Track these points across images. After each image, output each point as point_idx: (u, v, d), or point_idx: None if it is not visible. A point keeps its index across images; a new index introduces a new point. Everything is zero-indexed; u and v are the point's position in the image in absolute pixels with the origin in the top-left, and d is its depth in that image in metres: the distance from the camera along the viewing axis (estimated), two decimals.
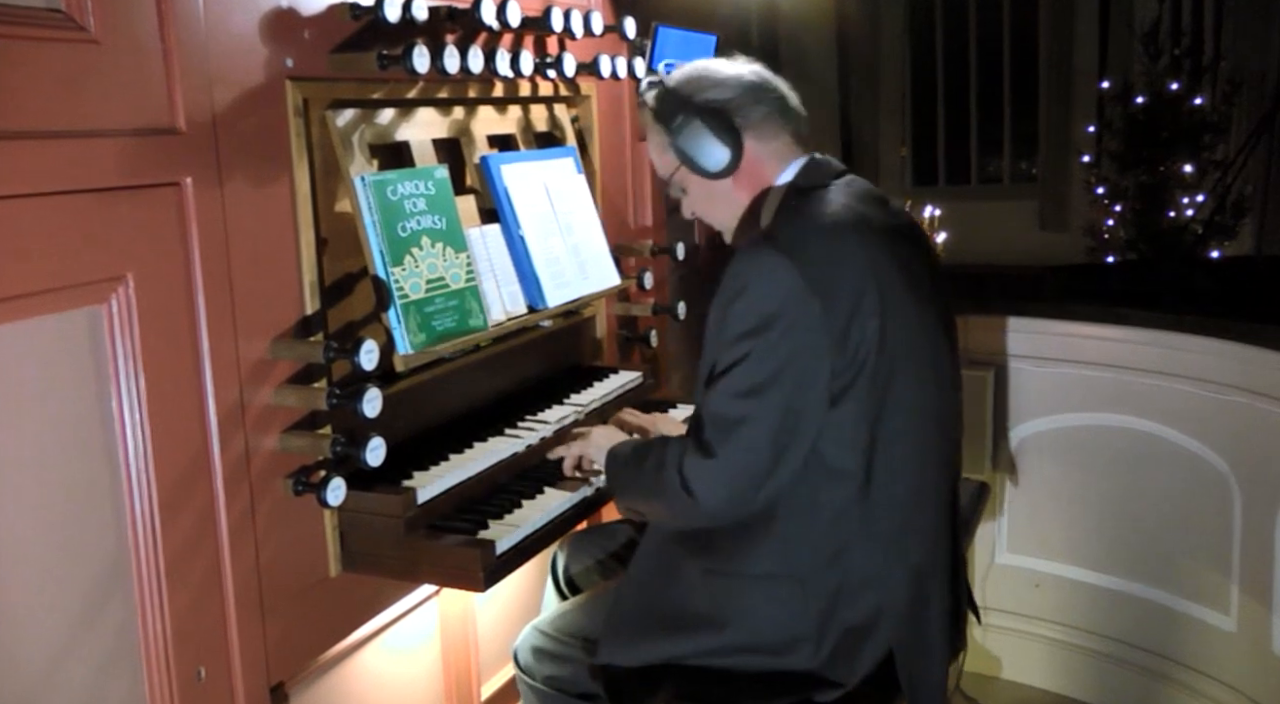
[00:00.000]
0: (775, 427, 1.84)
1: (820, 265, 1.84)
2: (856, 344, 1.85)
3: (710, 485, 1.87)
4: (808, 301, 1.81)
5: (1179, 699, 3.19)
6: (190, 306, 1.64)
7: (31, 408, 1.45)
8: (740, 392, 1.85)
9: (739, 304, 1.86)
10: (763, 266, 1.84)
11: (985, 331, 3.44)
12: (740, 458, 1.85)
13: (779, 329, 1.82)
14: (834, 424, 1.87)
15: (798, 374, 1.83)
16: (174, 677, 1.64)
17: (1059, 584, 3.44)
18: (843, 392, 1.86)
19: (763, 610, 1.95)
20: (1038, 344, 3.36)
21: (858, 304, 1.85)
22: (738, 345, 1.85)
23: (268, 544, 1.78)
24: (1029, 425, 3.42)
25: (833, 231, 1.90)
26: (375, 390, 1.82)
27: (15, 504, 1.44)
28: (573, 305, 2.50)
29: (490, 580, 1.91)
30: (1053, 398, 3.36)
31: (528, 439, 2.26)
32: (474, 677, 2.64)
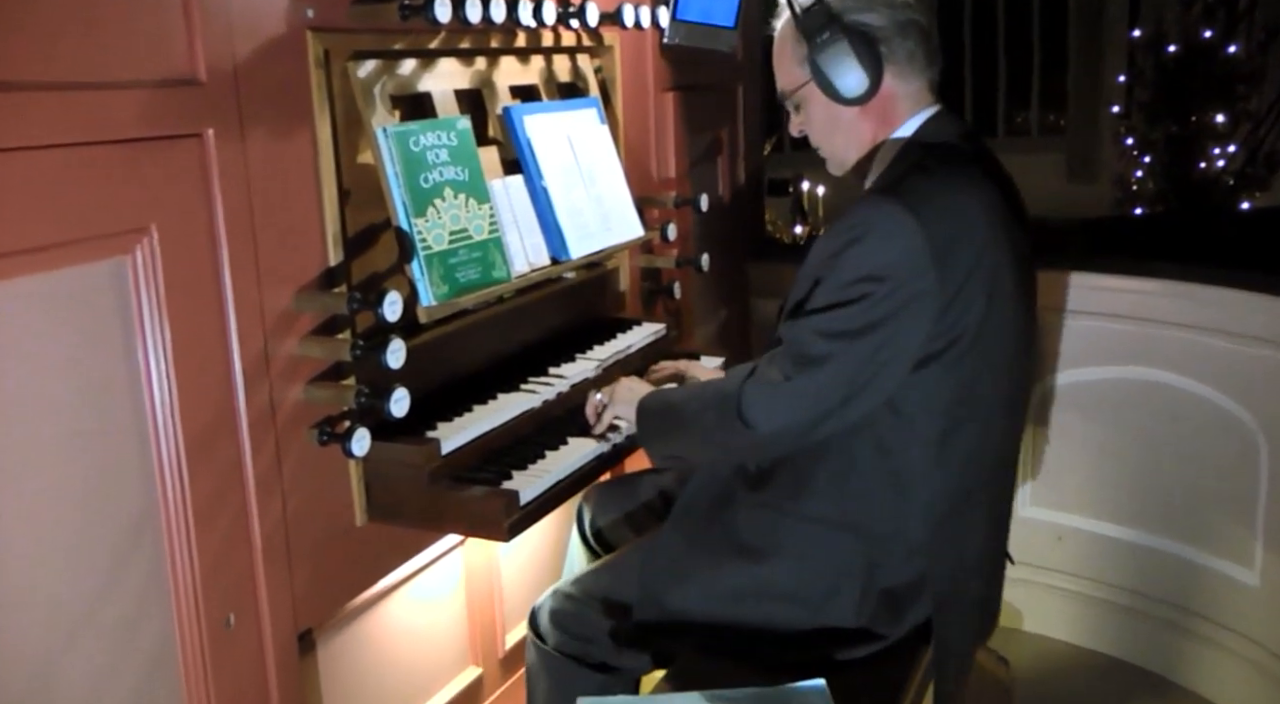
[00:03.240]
0: (853, 374, 1.83)
1: (944, 229, 1.80)
2: (957, 317, 1.83)
3: (769, 413, 1.85)
4: (924, 266, 1.78)
5: (1200, 653, 3.20)
6: (214, 258, 1.64)
7: (59, 359, 1.46)
8: (831, 332, 1.83)
9: (854, 250, 1.82)
10: (887, 219, 1.80)
11: None
12: (810, 393, 1.84)
13: (888, 285, 1.79)
14: (915, 386, 1.86)
15: (892, 333, 1.81)
16: (203, 623, 1.66)
17: (1082, 537, 3.43)
18: (931, 358, 1.85)
19: (811, 551, 1.96)
20: (1064, 297, 3.33)
21: (968, 278, 1.82)
22: (842, 289, 1.82)
23: (294, 494, 1.80)
24: (1055, 379, 3.40)
25: (959, 197, 1.86)
26: (399, 342, 1.83)
27: (44, 454, 1.45)
28: (596, 257, 2.49)
29: (514, 530, 1.92)
30: (1079, 351, 3.34)
31: (551, 391, 2.26)
32: (498, 626, 2.67)
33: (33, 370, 1.43)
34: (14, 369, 1.41)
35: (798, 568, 1.96)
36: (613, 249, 2.54)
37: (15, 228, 1.38)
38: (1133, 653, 3.38)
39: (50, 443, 1.46)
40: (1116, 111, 8.59)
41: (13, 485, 1.42)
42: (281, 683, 1.80)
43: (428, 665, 2.48)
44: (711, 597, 2.01)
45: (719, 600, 2.00)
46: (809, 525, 1.97)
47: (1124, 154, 8.21)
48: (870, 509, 1.94)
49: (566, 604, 2.15)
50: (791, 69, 2.03)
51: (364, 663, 2.26)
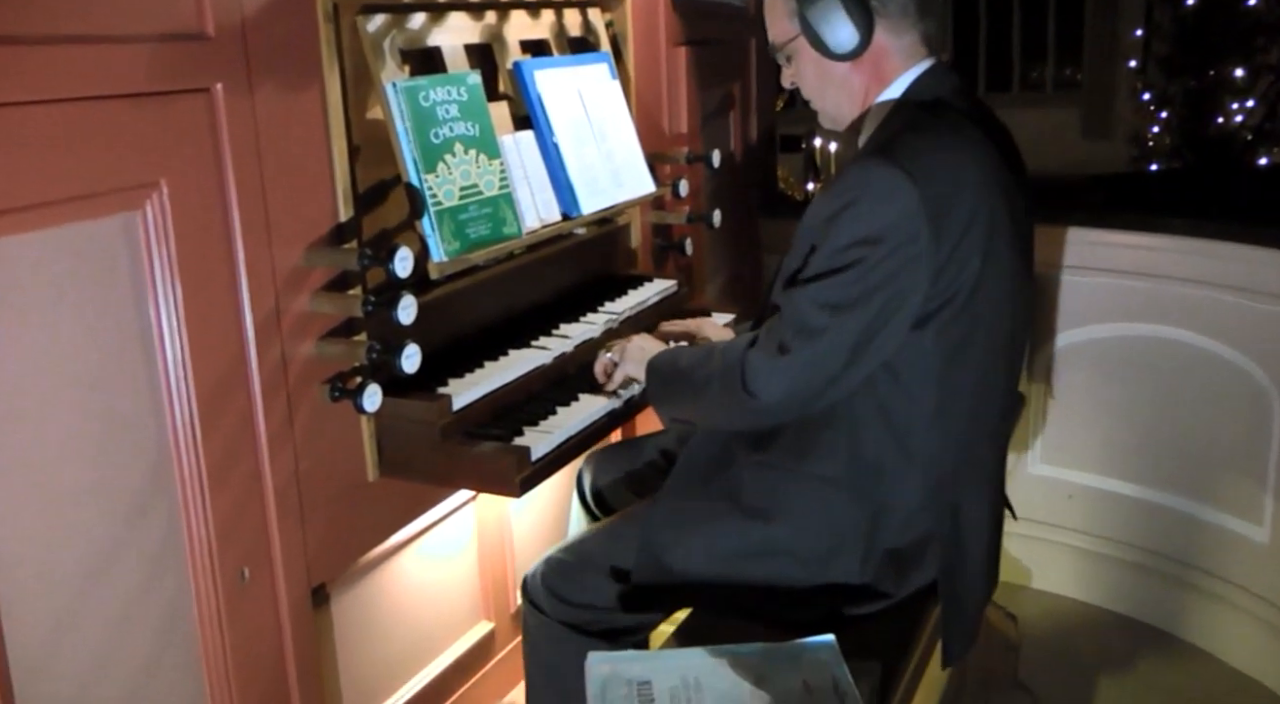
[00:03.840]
0: (852, 341, 1.82)
1: (938, 189, 1.79)
2: (953, 277, 1.82)
3: (772, 383, 1.85)
4: (918, 227, 1.77)
5: (1210, 609, 3.21)
6: (224, 214, 1.64)
7: (71, 315, 1.47)
8: (828, 301, 1.82)
9: (848, 214, 1.81)
10: (881, 182, 1.79)
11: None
12: (812, 363, 1.83)
13: (884, 249, 1.78)
14: (913, 345, 1.86)
15: (890, 296, 1.80)
16: (218, 577, 1.68)
17: (1092, 495, 3.44)
18: (927, 318, 1.84)
19: (812, 511, 1.96)
20: (1077, 253, 3.31)
21: (964, 236, 1.81)
22: (837, 255, 1.81)
23: (306, 449, 1.81)
24: (1066, 336, 3.39)
25: (953, 155, 1.84)
26: (410, 298, 1.83)
27: (58, 409, 1.46)
28: (607, 213, 2.48)
29: (525, 486, 1.93)
30: (1091, 308, 3.33)
31: (561, 347, 2.26)
32: (510, 582, 2.69)
33: (45, 326, 1.44)
34: (27, 324, 1.41)
35: (800, 527, 1.97)
36: (624, 205, 2.53)
37: (24, 182, 1.38)
38: (1141, 610, 3.39)
39: (64, 398, 1.47)
40: (1133, 66, 8.50)
41: (27, 441, 1.43)
42: (296, 636, 1.82)
43: (440, 620, 2.50)
44: (713, 556, 2.01)
45: (721, 559, 2.01)
46: (811, 485, 1.97)
47: (1140, 109, 8.13)
48: (872, 468, 1.94)
49: (563, 571, 2.12)
50: (781, 22, 2.01)
51: (377, 617, 2.28)
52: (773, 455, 2.00)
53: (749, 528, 1.99)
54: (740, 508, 2.01)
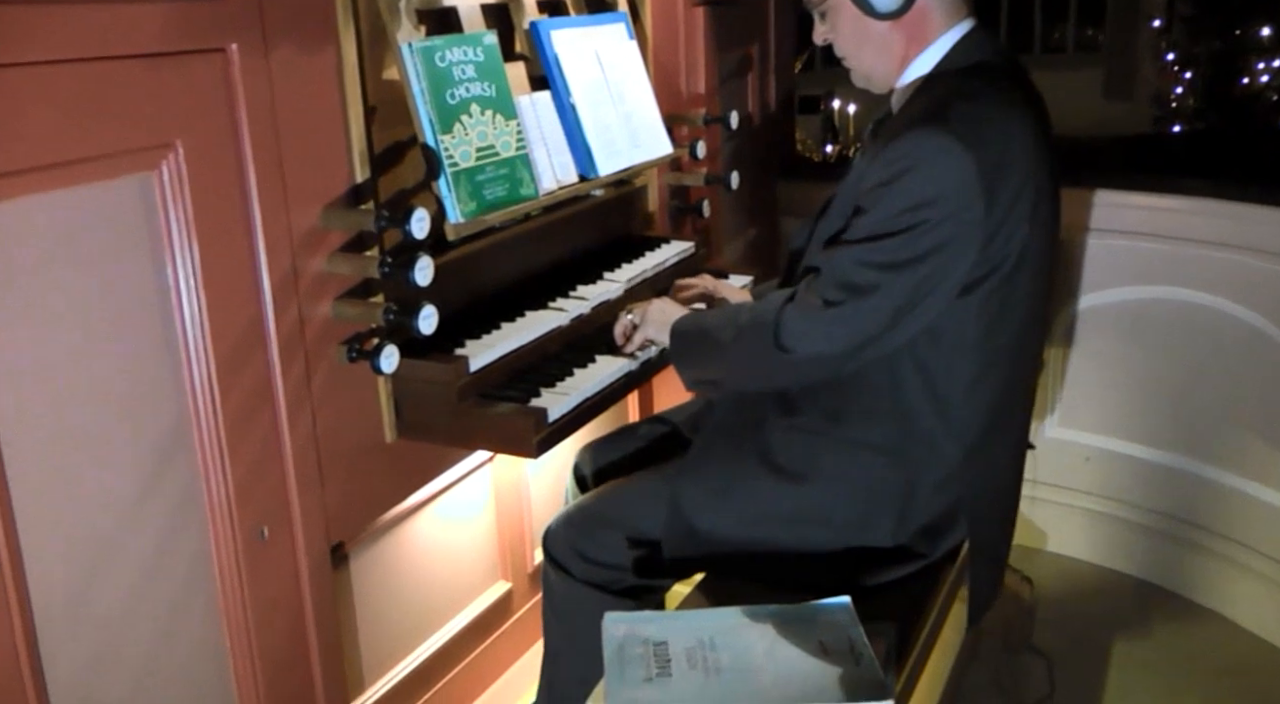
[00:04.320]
0: (897, 303, 1.81)
1: (992, 157, 1.77)
2: (1001, 245, 1.81)
3: (809, 339, 1.84)
4: (973, 197, 1.76)
5: (1224, 573, 3.21)
6: (240, 174, 1.64)
7: (89, 274, 1.47)
8: (877, 263, 1.80)
9: (903, 181, 1.79)
10: (938, 151, 1.77)
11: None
12: (853, 320, 1.82)
13: (937, 217, 1.77)
14: (957, 313, 1.85)
15: (940, 262, 1.79)
16: (238, 535, 1.69)
17: (1109, 458, 3.43)
18: (974, 285, 1.83)
19: (848, 475, 1.96)
20: (1097, 216, 3.29)
21: (1014, 204, 1.80)
22: (889, 220, 1.80)
23: (324, 409, 1.82)
24: (1086, 299, 3.37)
25: (1004, 123, 1.82)
26: (427, 259, 1.83)
27: (77, 369, 1.47)
28: (624, 174, 2.48)
29: (542, 447, 1.93)
30: (1111, 271, 3.31)
31: (578, 309, 2.26)
32: (527, 542, 2.71)
33: (64, 285, 1.44)
34: (45, 284, 1.42)
35: (834, 491, 1.97)
36: (641, 166, 2.52)
37: (41, 142, 1.38)
38: (1156, 573, 3.39)
39: (83, 358, 1.48)
40: (1156, 26, 8.39)
41: (47, 400, 1.44)
42: (315, 594, 1.84)
43: (458, 580, 2.52)
44: (746, 519, 2.01)
45: (753, 523, 2.00)
46: (846, 449, 1.97)
47: (1163, 70, 8.05)
48: (907, 434, 1.94)
49: (585, 528, 2.11)
50: None
51: (395, 577, 2.30)
52: (808, 419, 1.99)
53: (782, 490, 1.99)
54: (774, 470, 2.00)
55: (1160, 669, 3.01)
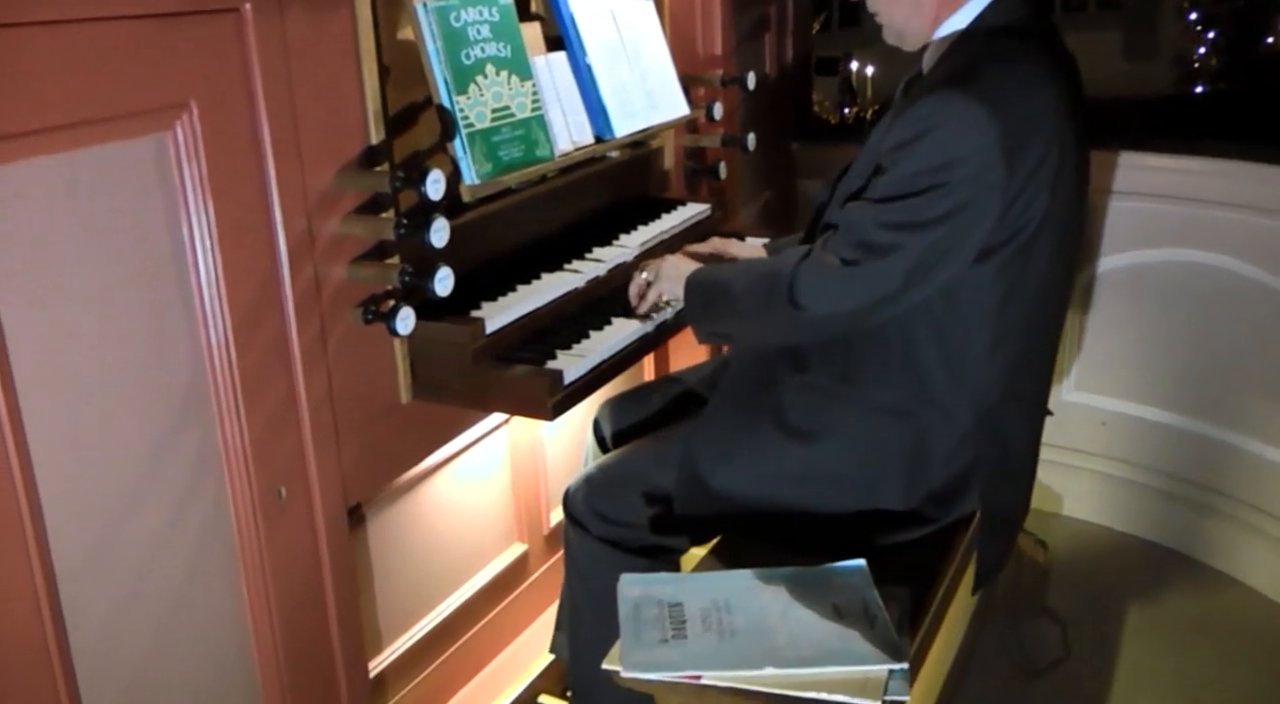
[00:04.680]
0: (914, 264, 1.80)
1: (1016, 122, 1.76)
2: (1021, 211, 1.80)
3: (823, 296, 1.83)
4: (994, 161, 1.75)
5: (1240, 536, 3.20)
6: (255, 135, 1.64)
7: (104, 235, 1.47)
8: (896, 223, 1.79)
9: (924, 142, 1.78)
10: (960, 114, 1.75)
11: None
12: (867, 278, 1.82)
13: (958, 179, 1.76)
14: (974, 276, 1.84)
15: (958, 225, 1.78)
16: (255, 495, 1.70)
17: (1126, 422, 3.42)
18: (992, 251, 1.82)
19: (858, 435, 1.96)
20: (1116, 177, 3.26)
21: (1036, 172, 1.79)
22: (909, 180, 1.79)
23: (339, 371, 1.82)
24: (1105, 262, 3.35)
25: (1031, 88, 1.80)
26: (443, 220, 1.82)
27: (92, 329, 1.48)
28: (640, 136, 2.46)
29: (558, 410, 1.93)
30: (1130, 233, 3.28)
31: (594, 271, 2.26)
32: (543, 504, 2.72)
33: (79, 246, 1.44)
34: (60, 244, 1.42)
35: (844, 451, 1.97)
36: (657, 128, 2.51)
37: (55, 102, 1.38)
38: (1170, 537, 3.39)
39: (98, 318, 1.48)
40: None
41: (63, 360, 1.44)
42: (332, 554, 1.85)
43: (474, 541, 2.53)
44: (757, 478, 2.02)
45: (764, 481, 2.01)
46: (858, 409, 1.97)
47: (1186, 30, 7.95)
48: (920, 396, 1.93)
49: (604, 488, 2.14)
50: None
51: (412, 538, 2.31)
52: (820, 377, 1.99)
53: (792, 449, 2.00)
54: (784, 429, 2.01)
55: (1174, 632, 3.02)
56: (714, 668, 1.60)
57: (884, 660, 1.59)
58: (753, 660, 1.60)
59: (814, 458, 1.99)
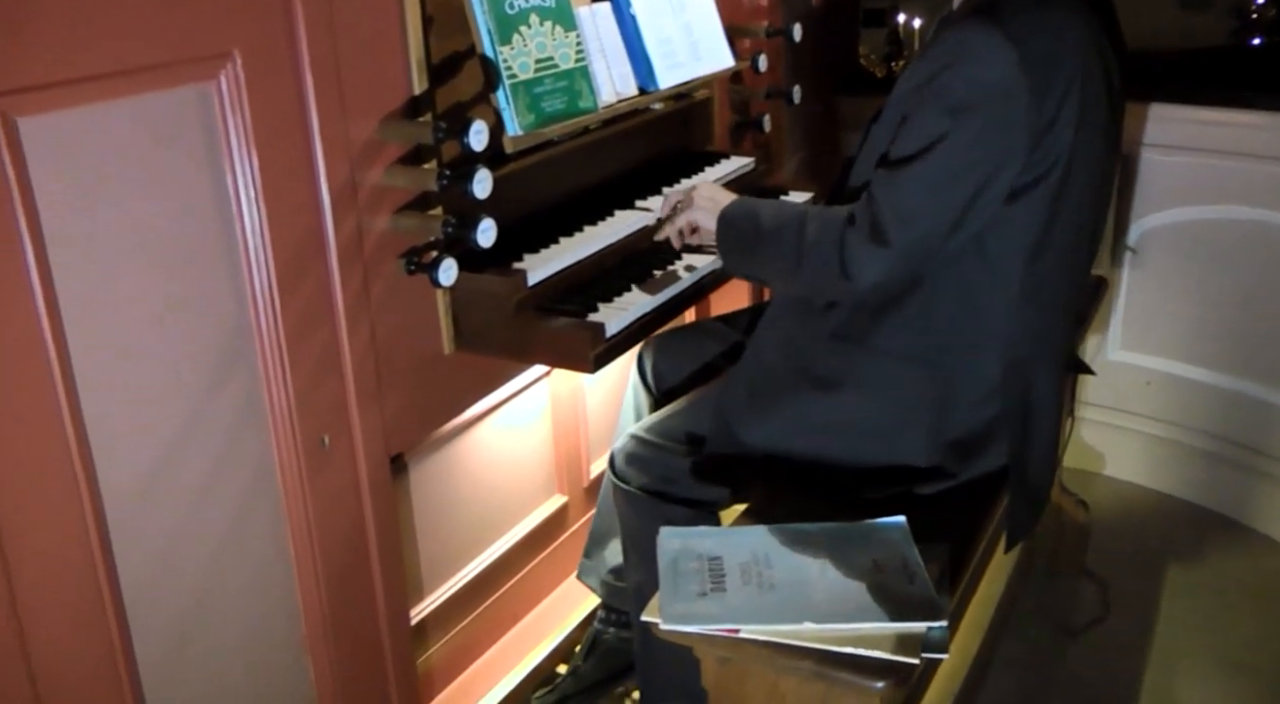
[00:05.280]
0: (953, 219, 1.79)
1: (1037, 52, 1.72)
2: (1048, 149, 1.77)
3: (872, 270, 1.81)
4: (1018, 90, 1.72)
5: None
6: (298, 85, 1.63)
7: (149, 183, 1.48)
8: (927, 182, 1.77)
9: (944, 79, 1.75)
10: (980, 45, 1.73)
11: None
12: (911, 248, 1.80)
13: (981, 115, 1.73)
14: (1003, 221, 1.82)
15: (988, 166, 1.76)
16: (299, 443, 1.72)
17: (1170, 382, 3.38)
18: (1022, 190, 1.80)
19: (881, 384, 1.95)
20: (1166, 132, 3.20)
21: (1062, 104, 1.76)
22: (932, 124, 1.76)
23: (382, 321, 1.83)
24: (1152, 219, 3.30)
25: (1054, 25, 1.77)
26: (485, 171, 1.82)
27: (138, 277, 1.49)
28: (685, 88, 2.44)
29: (599, 362, 1.93)
30: (1179, 189, 3.22)
31: (636, 223, 2.25)
32: (583, 456, 2.73)
33: (124, 195, 1.45)
34: (106, 193, 1.43)
35: (867, 400, 1.96)
36: (702, 79, 2.48)
37: (99, 51, 1.38)
38: (1213, 498, 3.36)
39: (144, 267, 1.49)
40: None
41: (110, 309, 1.46)
42: (375, 503, 1.87)
43: (515, 492, 2.55)
44: (786, 429, 2.01)
45: (792, 432, 2.01)
46: (883, 358, 1.95)
47: None
48: (946, 345, 1.92)
49: (644, 448, 2.17)
50: None
51: (453, 488, 2.33)
52: (846, 327, 1.98)
53: (820, 401, 1.99)
54: (812, 381, 2.00)
55: (1214, 594, 3.00)
56: (752, 622, 1.60)
57: (923, 618, 1.59)
58: (791, 615, 1.60)
59: (839, 407, 1.98)
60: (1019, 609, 2.92)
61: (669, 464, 2.13)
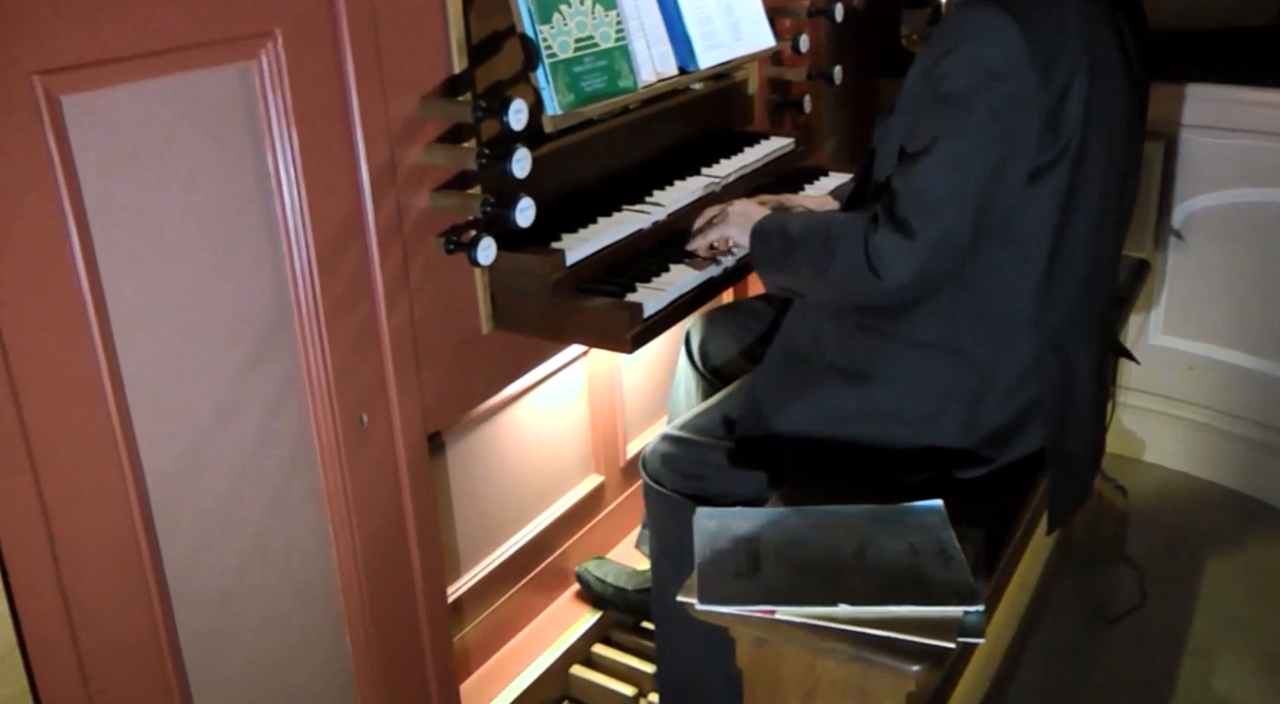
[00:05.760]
0: (975, 203, 1.77)
1: (1041, 28, 1.71)
2: (1061, 124, 1.75)
3: (903, 267, 1.79)
4: (1024, 66, 1.70)
5: None
6: (338, 63, 1.64)
7: (191, 162, 1.49)
8: (944, 167, 1.75)
9: (949, 62, 1.74)
10: (980, 23, 1.72)
11: (1159, 100, 3.19)
12: (939, 242, 1.78)
13: (989, 95, 1.72)
14: (1028, 202, 1.80)
15: (1004, 145, 1.74)
16: (338, 421, 1.73)
17: (1213, 367, 3.34)
18: (1044, 169, 1.78)
19: (913, 375, 1.94)
20: (1215, 113, 3.15)
21: (1070, 81, 1.74)
22: (943, 110, 1.75)
23: (421, 300, 1.83)
24: (1197, 201, 3.25)
25: (1058, 3, 1.76)
26: (524, 151, 1.82)
27: (181, 255, 1.50)
28: (725, 68, 2.42)
29: (637, 342, 1.93)
30: (1227, 171, 3.17)
31: (675, 204, 2.24)
32: (620, 436, 2.73)
33: (167, 173, 1.46)
34: (148, 172, 1.44)
35: (901, 392, 1.95)
36: (742, 59, 2.47)
37: (142, 30, 1.38)
38: (1256, 487, 3.32)
39: (186, 244, 1.50)
40: None
41: (151, 286, 1.47)
42: (413, 481, 1.88)
43: (552, 472, 2.56)
44: (816, 416, 2.01)
45: (823, 422, 2.00)
46: (912, 348, 1.93)
47: None
48: (977, 332, 1.90)
49: (677, 447, 2.16)
50: None
51: (490, 468, 2.34)
52: (874, 318, 1.96)
53: (850, 393, 1.98)
54: (841, 373, 1.99)
55: (1255, 583, 2.97)
56: (788, 603, 1.60)
57: (959, 602, 1.58)
58: (827, 597, 1.60)
59: (869, 399, 1.97)
60: (1056, 595, 2.91)
61: (703, 460, 2.12)
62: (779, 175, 2.60)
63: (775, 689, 1.69)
